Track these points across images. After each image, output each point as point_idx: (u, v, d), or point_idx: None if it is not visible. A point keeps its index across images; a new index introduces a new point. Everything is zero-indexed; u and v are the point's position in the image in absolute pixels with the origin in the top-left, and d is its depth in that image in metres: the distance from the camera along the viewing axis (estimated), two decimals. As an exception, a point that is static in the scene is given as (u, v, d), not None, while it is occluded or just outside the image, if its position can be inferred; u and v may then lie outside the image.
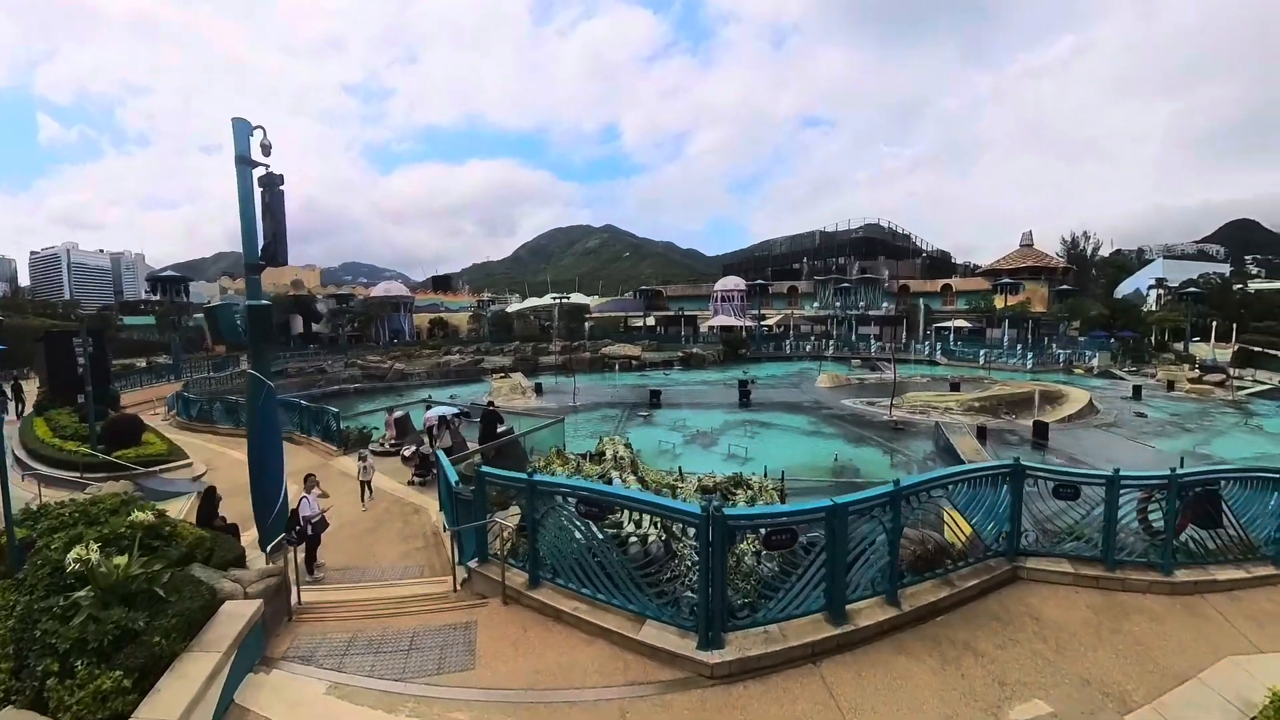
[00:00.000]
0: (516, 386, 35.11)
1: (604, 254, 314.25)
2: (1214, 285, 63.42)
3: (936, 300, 65.65)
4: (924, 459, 20.32)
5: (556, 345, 55.90)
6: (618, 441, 14.32)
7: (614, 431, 24.31)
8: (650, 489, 11.12)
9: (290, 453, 17.46)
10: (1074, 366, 45.74)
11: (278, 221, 9.06)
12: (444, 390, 38.44)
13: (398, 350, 54.05)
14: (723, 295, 70.52)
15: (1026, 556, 7.30)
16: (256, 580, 6.59)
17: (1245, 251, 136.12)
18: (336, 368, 45.14)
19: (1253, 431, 26.69)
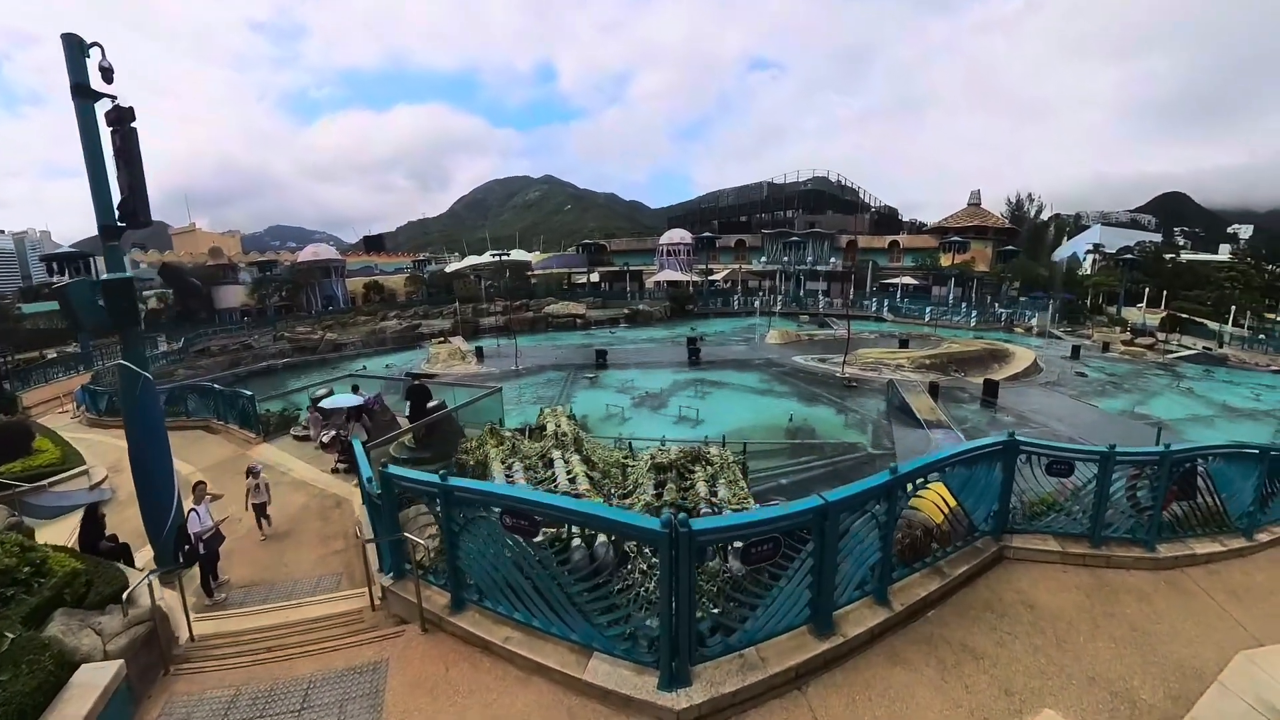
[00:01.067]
0: (455, 352, 33.48)
1: (545, 206, 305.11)
2: (1148, 254, 67.13)
3: (884, 257, 66.62)
4: (878, 417, 20.27)
5: (498, 306, 53.76)
6: (560, 413, 13.21)
7: (559, 397, 23.24)
8: (597, 470, 10.10)
9: (206, 444, 15.97)
10: (1015, 326, 47.53)
11: (134, 170, 7.46)
12: (380, 359, 36.93)
13: (330, 319, 51.56)
14: (668, 249, 69.25)
15: (1013, 535, 7.04)
16: (121, 631, 5.34)
17: (1175, 223, 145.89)
18: (264, 342, 42.79)
19: (1184, 394, 28.22)
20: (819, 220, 71.56)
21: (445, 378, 27.36)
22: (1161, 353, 38.69)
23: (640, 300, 57.78)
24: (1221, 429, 22.15)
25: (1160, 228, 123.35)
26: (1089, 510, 6.95)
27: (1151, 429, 20.68)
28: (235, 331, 47.81)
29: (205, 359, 38.16)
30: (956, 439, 16.80)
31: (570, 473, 9.60)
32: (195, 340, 43.42)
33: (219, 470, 13.96)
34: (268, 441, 15.83)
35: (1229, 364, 36.93)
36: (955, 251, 57.48)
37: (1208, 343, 43.13)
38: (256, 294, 60.64)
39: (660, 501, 8.38)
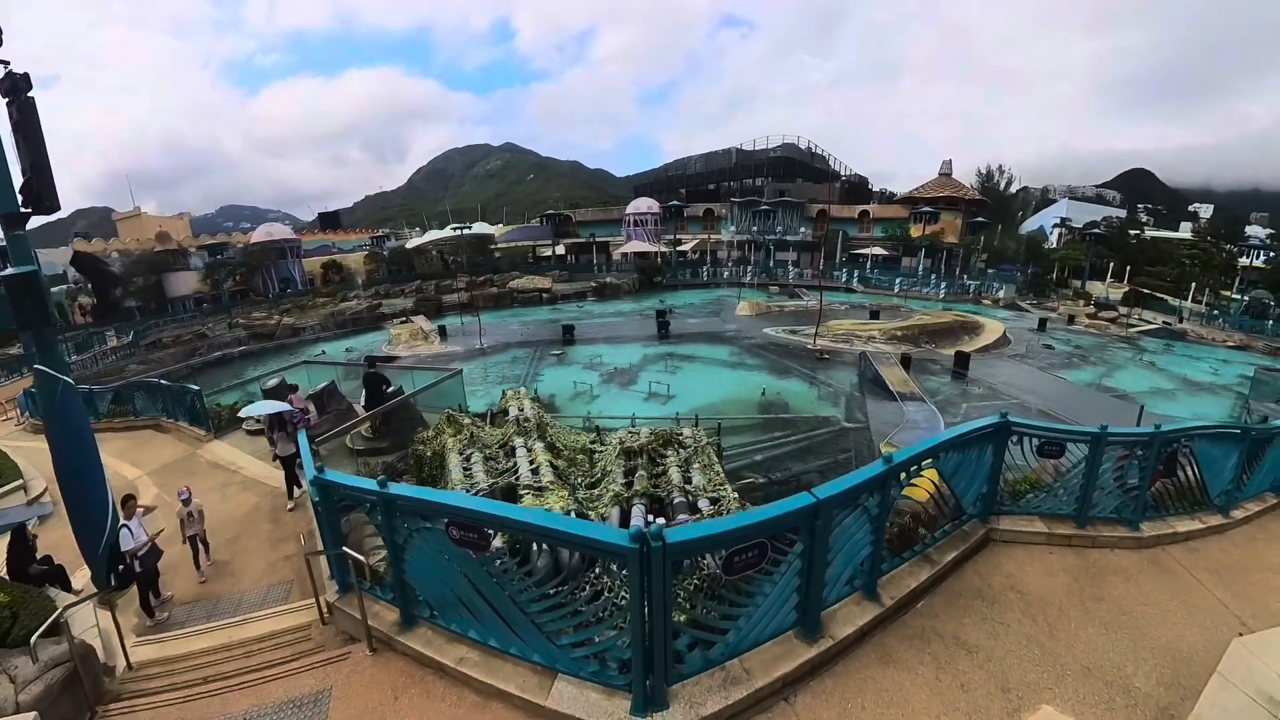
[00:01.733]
0: (417, 332, 32.61)
1: (507, 176, 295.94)
2: (1114, 229, 68.79)
3: (853, 227, 66.90)
4: (851, 389, 20.26)
5: (461, 282, 52.29)
6: (523, 395, 12.65)
7: (525, 376, 22.64)
8: (563, 457, 9.63)
9: (156, 445, 15.16)
10: (983, 298, 48.37)
11: (35, 147, 6.58)
12: (341, 343, 35.94)
13: (288, 302, 49.66)
14: (635, 219, 68.13)
15: (999, 516, 6.93)
16: (35, 678, 4.75)
17: (1140, 200, 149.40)
18: (220, 330, 41.18)
19: (1147, 367, 29.19)
20: (789, 189, 71.14)
21: (405, 360, 26.51)
22: (1124, 326, 39.98)
23: (608, 273, 56.97)
24: (1183, 402, 22.86)
25: (1125, 204, 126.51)
26: (1075, 491, 6.89)
27: (1119, 402, 21.25)
28: (188, 320, 45.95)
29: (158, 351, 36.74)
30: (930, 412, 16.87)
31: (533, 462, 9.12)
32: (146, 332, 41.61)
33: (167, 472, 13.23)
34: (219, 438, 15.04)
35: (1188, 338, 38.55)
36: (926, 222, 57.98)
37: (1168, 318, 44.69)
38: (209, 280, 57.83)
39: (630, 491, 7.99)
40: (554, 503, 7.60)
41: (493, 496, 8.26)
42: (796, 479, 12.52)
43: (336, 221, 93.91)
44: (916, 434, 15.09)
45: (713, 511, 7.21)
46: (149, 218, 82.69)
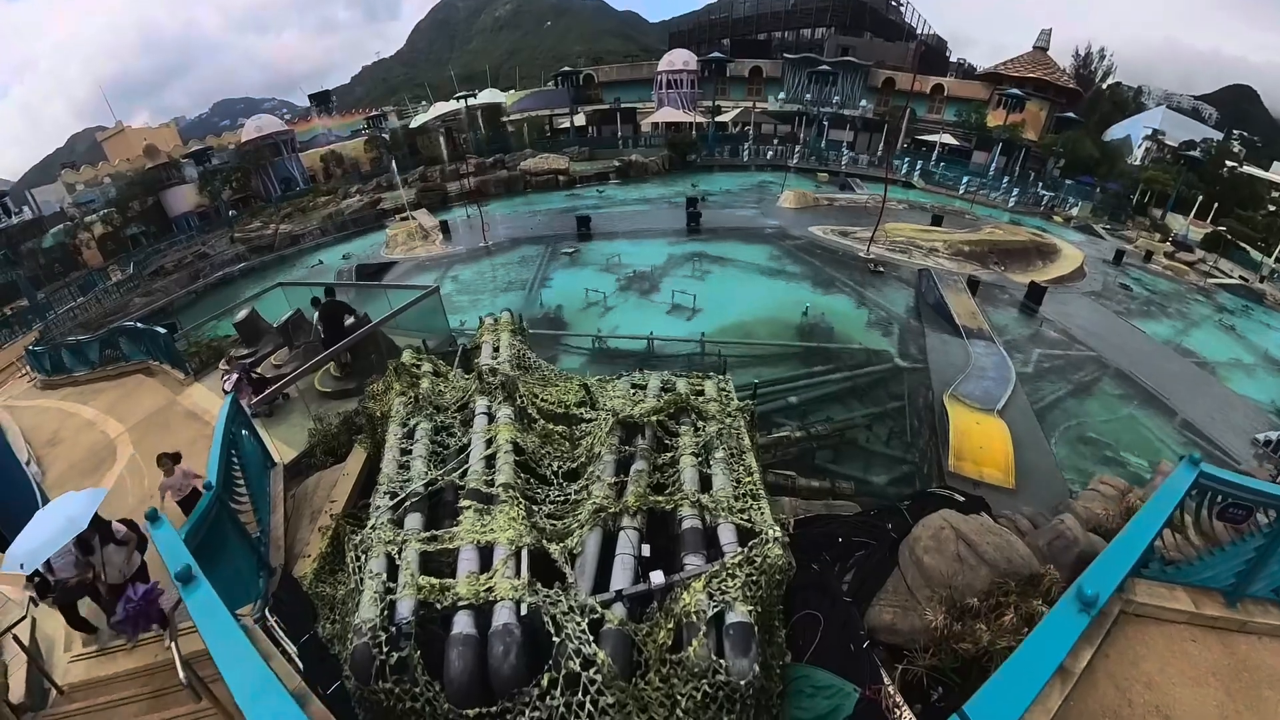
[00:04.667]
0: (414, 231, 30.14)
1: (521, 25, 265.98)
2: (1210, 155, 61.70)
3: (923, 105, 60.25)
4: (907, 315, 18.08)
5: (469, 165, 47.90)
6: (502, 325, 10.50)
7: (532, 281, 20.62)
8: (535, 432, 7.68)
9: (142, 392, 14.17)
10: (1054, 213, 44.51)
11: None
12: (343, 247, 33.96)
13: (288, 205, 47.16)
14: (669, 79, 61.47)
15: (1136, 581, 5.54)
16: None
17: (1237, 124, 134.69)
18: (221, 246, 40.24)
19: (1226, 330, 26.47)
20: (853, 45, 63.19)
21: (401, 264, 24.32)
22: (1203, 275, 36.93)
23: (634, 149, 52.33)
24: (1264, 382, 20.69)
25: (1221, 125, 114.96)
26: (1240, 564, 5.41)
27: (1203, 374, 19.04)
28: (188, 241, 44.47)
29: (161, 279, 36.07)
30: (1000, 358, 14.80)
31: (491, 444, 7.21)
32: (147, 262, 40.34)
33: (146, 427, 12.06)
34: (198, 380, 13.67)
35: (1266, 302, 35.59)
36: (1009, 109, 51.94)
37: (1246, 273, 41.34)
38: (205, 191, 54.31)
39: (619, 504, 6.19)
40: (501, 530, 5.83)
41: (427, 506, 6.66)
42: (840, 434, 10.73)
43: (328, 101, 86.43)
44: (983, 385, 13.12)
45: (736, 561, 5.39)
46: (134, 131, 77.76)
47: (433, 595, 5.23)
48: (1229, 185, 57.53)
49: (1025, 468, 10.48)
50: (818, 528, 6.90)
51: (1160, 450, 13.63)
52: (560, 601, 5.17)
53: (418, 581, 5.34)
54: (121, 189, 56.49)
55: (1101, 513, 8.42)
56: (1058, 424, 13.59)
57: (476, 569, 5.58)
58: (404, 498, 6.60)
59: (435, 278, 22.60)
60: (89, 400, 15.24)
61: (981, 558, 5.74)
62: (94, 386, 16.29)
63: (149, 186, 55.17)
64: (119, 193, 56.38)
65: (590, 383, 9.30)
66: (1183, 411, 15.16)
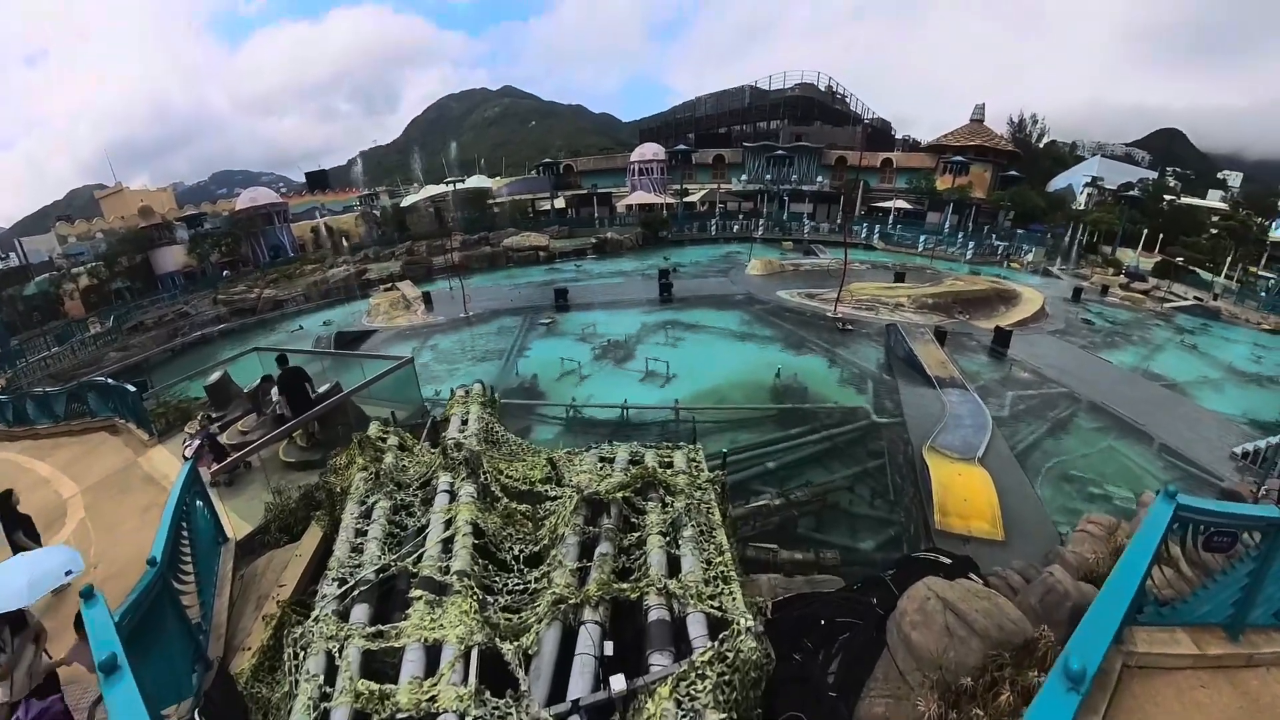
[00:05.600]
0: (398, 301, 30.03)
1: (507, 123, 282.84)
2: (1148, 192, 64.43)
3: (875, 177, 62.94)
4: (879, 370, 17.74)
5: (454, 241, 49.19)
6: (473, 398, 10.13)
7: (510, 350, 20.25)
8: (498, 512, 7.15)
9: (103, 451, 13.21)
10: (1011, 260, 45.46)
11: None
12: (324, 314, 33.63)
13: (275, 272, 47.35)
14: (640, 167, 64.21)
15: (1132, 628, 4.88)
16: None
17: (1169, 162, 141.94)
18: (204, 307, 39.41)
19: (1189, 350, 26.76)
20: (806, 132, 66.79)
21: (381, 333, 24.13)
22: (1159, 301, 37.67)
23: (609, 227, 53.72)
24: (1231, 395, 20.57)
25: (1154, 165, 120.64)
26: (1235, 593, 4.86)
27: (1176, 395, 18.79)
28: (172, 300, 43.71)
29: (139, 335, 34.97)
30: (975, 404, 14.40)
31: (450, 525, 6.68)
32: (127, 316, 39.48)
33: (102, 489, 11.09)
34: (162, 442, 12.82)
35: (1222, 318, 36.22)
36: (954, 174, 54.18)
37: (1200, 293, 42.19)
38: (194, 253, 54.96)
39: (581, 595, 5.58)
40: (451, 626, 5.22)
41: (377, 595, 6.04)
42: (821, 499, 10.09)
43: (324, 181, 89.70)
44: (961, 434, 12.67)
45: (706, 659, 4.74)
46: (131, 193, 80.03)
47: (371, 704, 4.56)
48: (1170, 216, 59.48)
49: (1012, 515, 9.90)
50: (798, 609, 6.24)
51: (1143, 479, 13.10)
52: (510, 716, 4.52)
53: (356, 687, 4.68)
54: (112, 244, 55.95)
55: (1091, 556, 7.88)
56: (1039, 465, 13.06)
57: (422, 672, 4.90)
58: (351, 586, 5.94)
59: (414, 347, 22.17)
60: (47, 455, 14.19)
61: (972, 628, 5.13)
62: (55, 441, 15.24)
63: (139, 244, 54.69)
64: (109, 248, 56.11)
65: (558, 456, 8.79)
66: (1159, 436, 14.74)
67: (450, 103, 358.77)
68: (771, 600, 6.18)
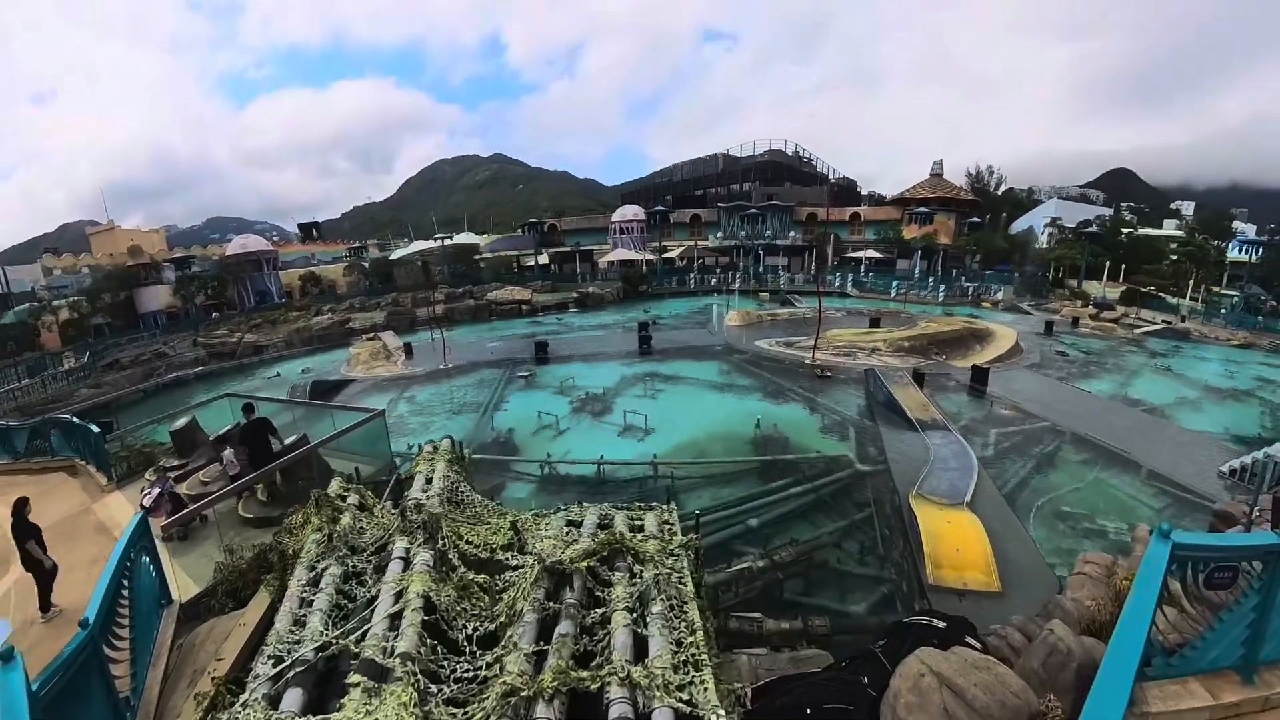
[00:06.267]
0: (379, 351, 29.33)
1: (496, 186, 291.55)
2: (1106, 227, 66.50)
3: (845, 230, 64.42)
4: (860, 416, 17.19)
5: (439, 294, 49.28)
6: (440, 455, 9.48)
7: (488, 404, 19.53)
8: (452, 584, 6.37)
9: (60, 493, 12.43)
10: (982, 300, 45.87)
11: None
12: (303, 361, 32.77)
13: (259, 316, 46.56)
14: (621, 226, 65.56)
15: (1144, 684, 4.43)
16: None
17: (1122, 199, 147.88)
18: (183, 348, 38.18)
19: (1163, 373, 26.75)
20: (776, 192, 68.68)
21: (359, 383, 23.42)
22: (1129, 328, 38.06)
23: (591, 282, 53.99)
24: (1210, 413, 20.37)
25: (1109, 203, 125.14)
26: (1242, 631, 4.47)
27: (1158, 420, 18.41)
28: (151, 339, 42.63)
29: (114, 373, 33.51)
30: (959, 446, 13.85)
31: (403, 601, 5.98)
32: (104, 353, 38.21)
33: (50, 536, 9.79)
34: (121, 488, 11.99)
35: (1192, 338, 36.71)
36: (920, 223, 55.50)
37: (1168, 316, 42.81)
38: (180, 294, 54.42)
39: (534, 686, 4.83)
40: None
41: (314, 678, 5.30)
42: (807, 558, 9.34)
43: (317, 232, 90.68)
44: (947, 478, 12.08)
45: None
46: (122, 231, 79.76)
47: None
48: (1130, 247, 61.06)
49: (1007, 562, 9.22)
50: (782, 694, 5.48)
51: (1134, 509, 12.48)
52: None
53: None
54: (97, 280, 54.82)
55: (1092, 603, 7.22)
56: (1029, 504, 12.42)
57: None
58: (286, 665, 5.18)
59: (391, 398, 21.40)
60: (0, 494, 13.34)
61: (972, 706, 4.44)
62: (11, 479, 14.23)
63: (125, 281, 53.60)
64: (94, 283, 54.83)
65: (525, 517, 8.06)
66: (1146, 462, 14.18)
67: (444, 166, 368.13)
68: (752, 686, 5.44)
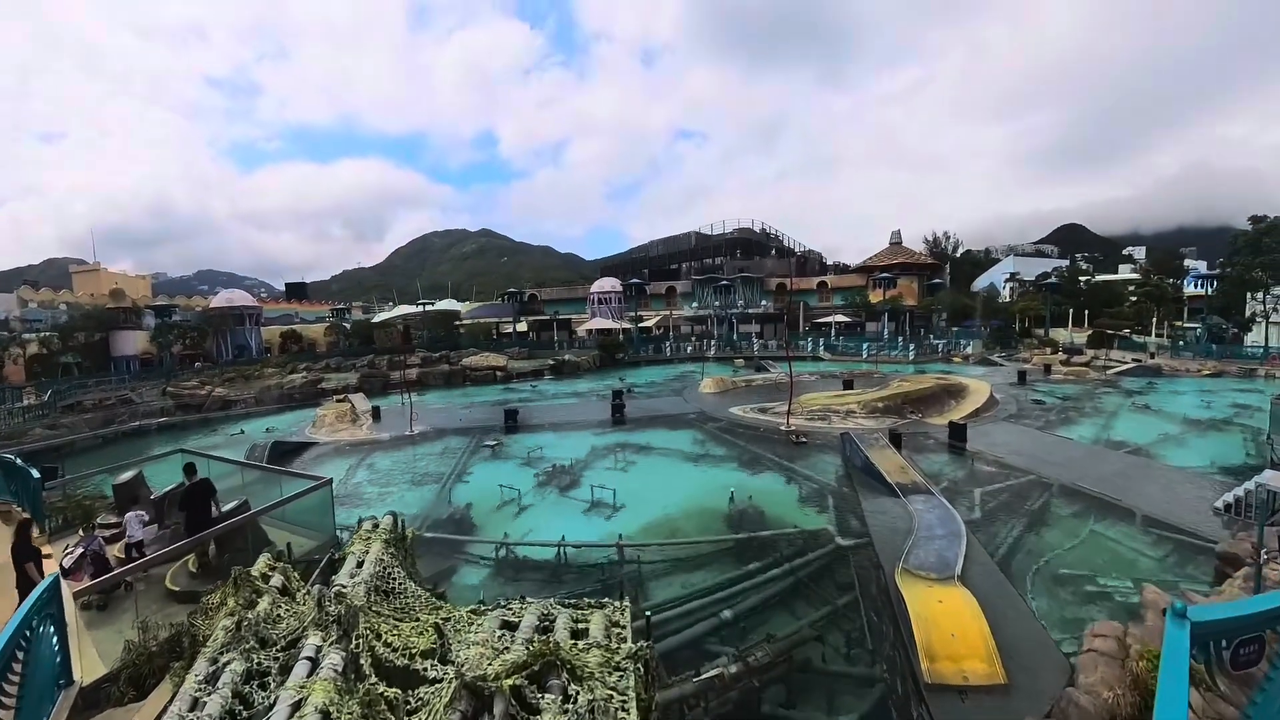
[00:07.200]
0: (345, 413, 27.80)
1: (483, 258, 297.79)
2: (1064, 277, 68.32)
3: (813, 297, 65.23)
4: (838, 483, 15.93)
5: (415, 358, 48.38)
6: (378, 534, 8.05)
7: (450, 474, 17.98)
8: (358, 696, 4.89)
9: None
10: (953, 355, 45.69)
11: None
12: (269, 420, 31.30)
13: (233, 370, 45.51)
14: (599, 297, 66.08)
15: None
16: None
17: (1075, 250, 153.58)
18: (150, 396, 36.67)
19: (1140, 411, 26.10)
20: (747, 265, 70.16)
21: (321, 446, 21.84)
22: (1101, 370, 37.92)
23: (568, 350, 53.42)
24: (1195, 447, 19.51)
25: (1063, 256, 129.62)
26: None
27: (1146, 461, 17.36)
28: (118, 384, 41.05)
29: (73, 415, 31.75)
30: (944, 510, 12.59)
31: (298, 716, 4.58)
32: (68, 393, 36.35)
33: None
34: (52, 541, 10.64)
35: (1164, 373, 36.59)
36: (884, 288, 56.29)
37: (1137, 354, 42.88)
38: (157, 340, 52.98)
39: None
40: None
41: None
42: (787, 657, 7.86)
43: (303, 292, 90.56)
44: (934, 549, 10.78)
45: None
46: (107, 273, 78.88)
47: None
48: (1090, 294, 62.43)
49: (1009, 643, 7.82)
50: None
51: (1137, 562, 11.21)
52: None
53: None
54: (73, 318, 52.70)
55: (1109, 694, 6.09)
56: (1025, 570, 11.08)
57: None
58: None
59: (351, 464, 19.73)
60: None
61: None
62: None
63: (102, 323, 51.89)
64: (69, 320, 52.50)
65: (460, 614, 6.58)
66: (1139, 507, 13.00)
67: (433, 238, 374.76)
68: None
